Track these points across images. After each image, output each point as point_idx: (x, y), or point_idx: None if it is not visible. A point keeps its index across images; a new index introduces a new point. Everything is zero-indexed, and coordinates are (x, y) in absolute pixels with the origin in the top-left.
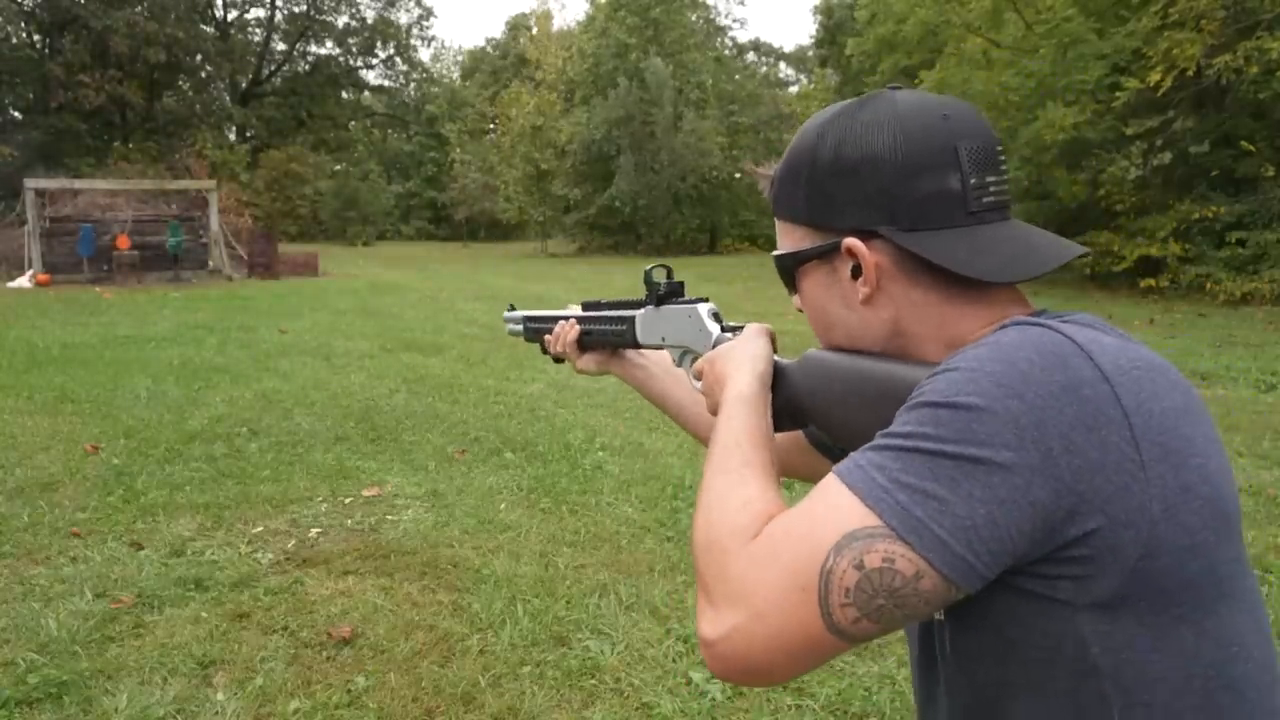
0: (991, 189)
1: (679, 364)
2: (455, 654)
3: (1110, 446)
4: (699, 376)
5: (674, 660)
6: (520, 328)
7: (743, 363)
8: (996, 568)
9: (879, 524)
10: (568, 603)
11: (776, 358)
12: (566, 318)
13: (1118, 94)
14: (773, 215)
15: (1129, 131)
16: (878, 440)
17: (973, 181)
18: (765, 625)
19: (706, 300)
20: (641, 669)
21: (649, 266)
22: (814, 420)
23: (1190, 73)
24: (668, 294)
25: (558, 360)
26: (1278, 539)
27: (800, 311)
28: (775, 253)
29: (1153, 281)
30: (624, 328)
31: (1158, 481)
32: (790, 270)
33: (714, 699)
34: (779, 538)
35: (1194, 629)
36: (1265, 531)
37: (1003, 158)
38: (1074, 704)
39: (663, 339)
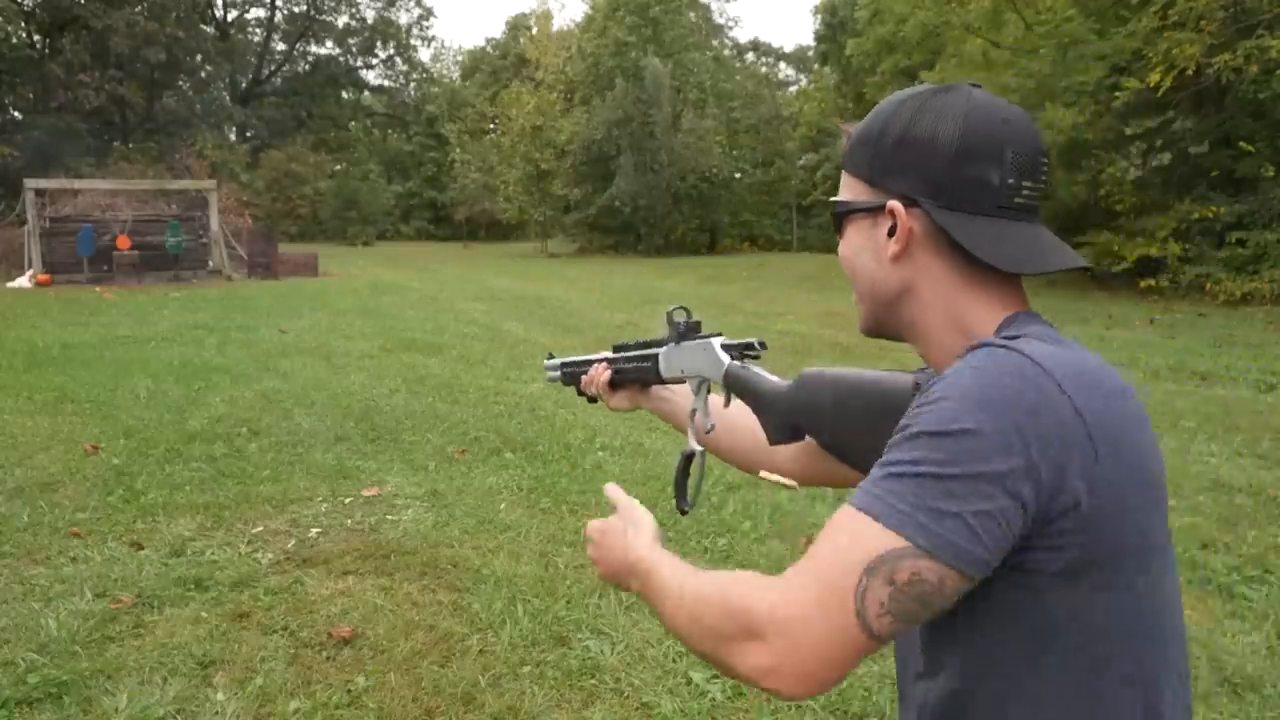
0: (1025, 192)
1: (695, 393)
2: (455, 654)
3: (1074, 443)
4: (589, 539)
5: (674, 660)
6: (558, 374)
7: (638, 528)
8: (1002, 556)
9: (906, 545)
10: (568, 603)
11: (775, 378)
12: (598, 360)
13: (1117, 94)
14: (840, 167)
15: (1129, 132)
16: (888, 470)
17: (1010, 181)
18: (812, 642)
19: (719, 335)
20: (641, 669)
21: (670, 308)
22: (812, 432)
23: (1190, 73)
24: (687, 331)
25: (592, 401)
26: (1278, 539)
27: (838, 255)
28: (833, 198)
29: (1153, 281)
30: (649, 364)
31: (1108, 462)
32: (841, 217)
33: (714, 699)
34: (808, 571)
35: (1140, 584)
36: (1265, 531)
37: (1045, 169)
38: (1045, 661)
39: (682, 371)
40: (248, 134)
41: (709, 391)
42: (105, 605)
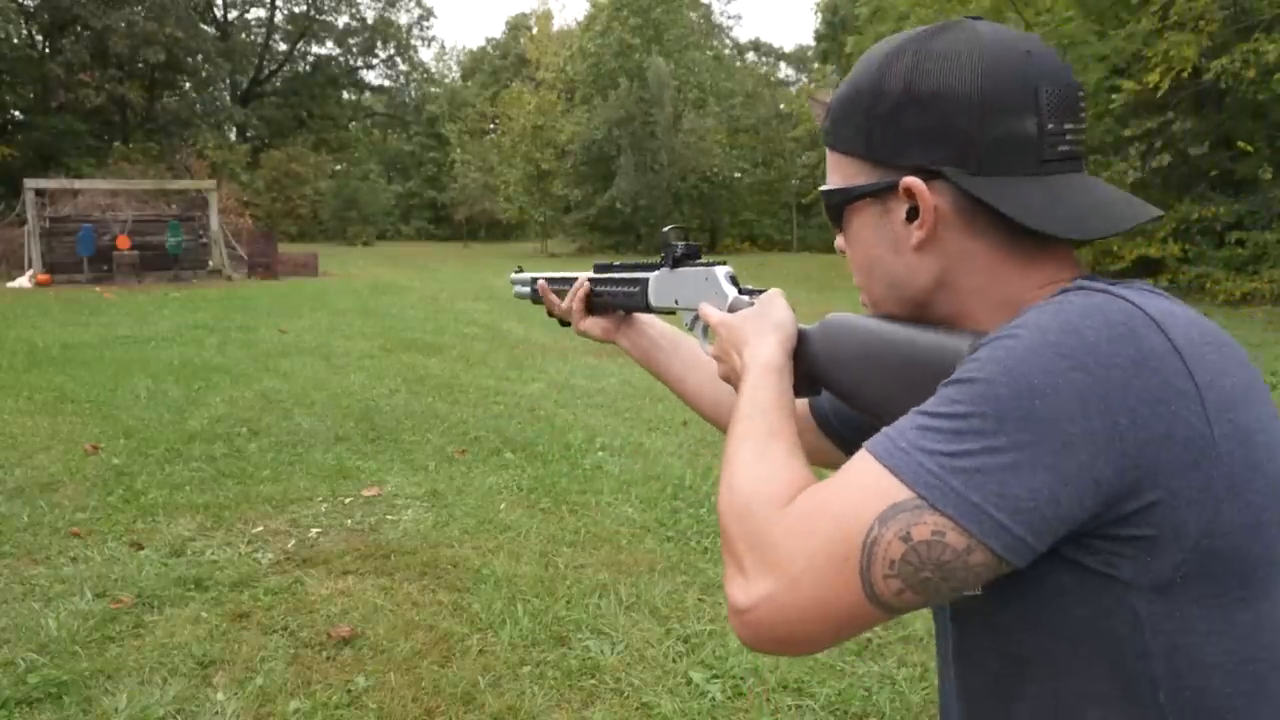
0: (1069, 136)
1: (690, 328)
2: (455, 654)
3: (1179, 421)
4: (715, 334)
5: (674, 660)
6: (528, 289)
7: (767, 330)
8: (1052, 540)
9: (924, 503)
10: (568, 603)
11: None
12: (578, 279)
13: (1114, 96)
14: (824, 146)
15: (1128, 133)
16: (923, 418)
17: (1050, 127)
18: (800, 594)
19: (724, 264)
20: (641, 669)
21: (666, 228)
22: (834, 388)
23: (1187, 74)
24: (684, 256)
25: (563, 323)
26: None
27: (842, 253)
28: (824, 187)
29: (1152, 281)
30: (636, 289)
31: (1227, 459)
32: (839, 207)
33: (714, 699)
34: (817, 507)
35: (1252, 611)
36: None
37: (1083, 104)
38: (1118, 684)
39: (676, 301)
40: (248, 134)
41: (707, 328)
42: (105, 605)
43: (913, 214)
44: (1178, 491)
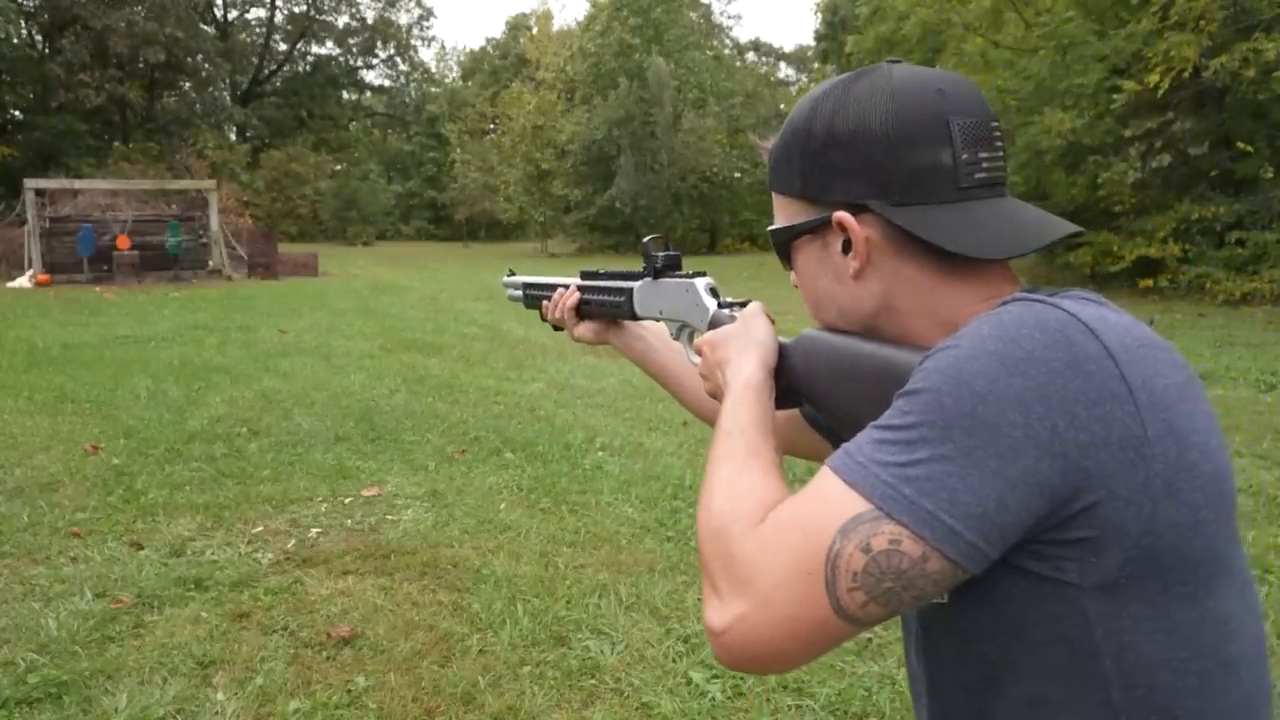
0: (984, 165)
1: (676, 338)
2: (455, 654)
3: (1115, 422)
4: (700, 353)
5: (674, 660)
6: (520, 293)
7: (748, 348)
8: (1004, 548)
9: (881, 513)
10: (568, 603)
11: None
12: (567, 285)
13: (1115, 97)
14: (769, 189)
15: (1128, 133)
16: (877, 431)
17: (964, 157)
18: (771, 612)
19: (704, 275)
20: (641, 669)
21: (646, 238)
22: (809, 400)
23: (1187, 74)
24: (665, 267)
25: (556, 328)
26: (1278, 539)
27: (795, 288)
28: (770, 227)
29: (1151, 281)
30: (622, 299)
31: (1161, 458)
32: (785, 245)
33: (714, 699)
34: (784, 524)
35: (1196, 608)
36: (1265, 531)
37: (998, 134)
38: (1073, 685)
39: (660, 312)
40: (248, 134)
41: (691, 338)
42: (105, 605)
43: (847, 246)
44: (1116, 492)
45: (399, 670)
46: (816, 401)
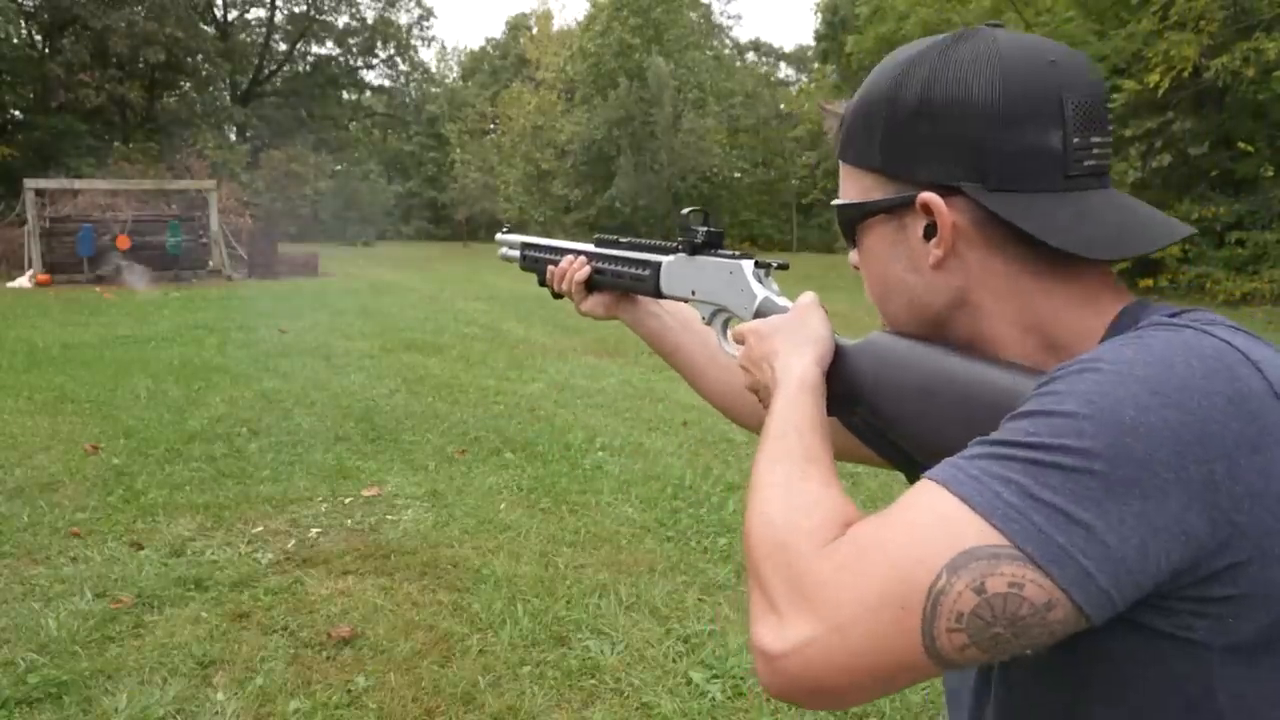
0: (1095, 151)
1: (709, 322)
2: (455, 654)
3: (1275, 474)
4: (741, 342)
5: (674, 660)
6: (516, 253)
7: (803, 344)
8: (1132, 600)
9: (1006, 544)
10: (568, 603)
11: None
12: (577, 251)
13: (1115, 96)
14: (837, 159)
15: (1128, 133)
16: (995, 447)
17: (1076, 140)
18: (846, 642)
19: (750, 256)
20: (641, 669)
21: (686, 209)
22: (875, 412)
23: (1187, 74)
24: (705, 244)
25: (557, 296)
26: None
27: (856, 269)
28: (837, 201)
29: (1151, 281)
30: (646, 273)
31: None
32: (852, 223)
33: (714, 699)
34: (871, 548)
35: None
36: None
37: (1110, 116)
38: None
39: (692, 292)
40: (248, 134)
41: (727, 325)
42: (105, 605)
43: (930, 230)
44: (1269, 551)
45: (399, 670)
46: (884, 413)
